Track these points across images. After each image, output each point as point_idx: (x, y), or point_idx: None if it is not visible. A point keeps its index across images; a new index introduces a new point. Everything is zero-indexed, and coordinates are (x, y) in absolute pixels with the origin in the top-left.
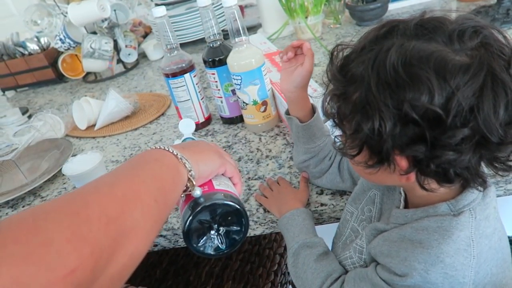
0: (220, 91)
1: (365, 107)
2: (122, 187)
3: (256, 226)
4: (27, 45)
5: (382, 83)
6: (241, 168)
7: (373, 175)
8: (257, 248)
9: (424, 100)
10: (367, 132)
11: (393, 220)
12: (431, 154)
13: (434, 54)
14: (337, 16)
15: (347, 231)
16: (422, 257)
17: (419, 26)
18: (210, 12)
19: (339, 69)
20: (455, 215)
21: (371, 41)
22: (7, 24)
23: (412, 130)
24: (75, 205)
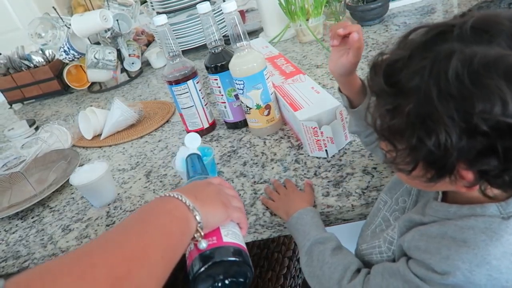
0: (223, 96)
1: (426, 121)
2: (131, 245)
3: (263, 230)
4: (32, 58)
5: (444, 94)
6: (246, 173)
7: (430, 187)
8: (265, 252)
9: (497, 111)
10: (431, 148)
11: (431, 213)
12: (504, 166)
13: (501, 59)
14: (338, 17)
15: (377, 219)
16: (467, 257)
17: (476, 29)
18: (210, 19)
19: (386, 81)
20: (505, 218)
21: (420, 47)
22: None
23: (481, 142)
24: (82, 265)
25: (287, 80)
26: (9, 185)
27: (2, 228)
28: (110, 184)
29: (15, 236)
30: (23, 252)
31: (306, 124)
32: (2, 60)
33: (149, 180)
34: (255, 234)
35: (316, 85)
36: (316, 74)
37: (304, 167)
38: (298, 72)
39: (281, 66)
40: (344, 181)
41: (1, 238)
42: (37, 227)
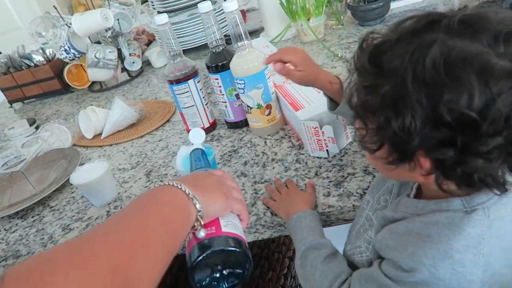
0: (224, 96)
1: (397, 103)
2: (131, 234)
3: (264, 230)
4: (33, 57)
5: (419, 80)
6: (247, 172)
7: (391, 171)
8: (266, 252)
9: (462, 104)
10: (396, 129)
11: (402, 208)
12: (458, 159)
13: (478, 56)
14: (339, 17)
15: (361, 219)
16: (430, 252)
17: (464, 23)
18: (211, 18)
19: (369, 59)
20: (468, 212)
21: (408, 33)
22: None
23: (443, 132)
24: (82, 254)
25: (288, 79)
26: (9, 184)
27: (2, 227)
28: (111, 184)
29: (15, 235)
30: (23, 252)
31: (307, 124)
32: (3, 59)
33: (149, 180)
34: (256, 234)
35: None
36: None
37: (305, 167)
38: None
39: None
40: (345, 181)
41: (1, 237)
42: (37, 226)
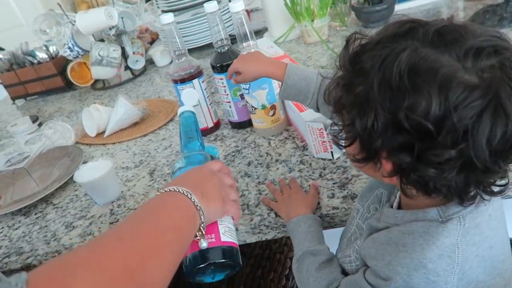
0: (229, 96)
1: (363, 103)
2: (144, 238)
3: (267, 231)
4: (36, 54)
5: (384, 84)
6: (251, 173)
7: (360, 168)
8: (267, 253)
9: (419, 113)
10: (358, 128)
11: (384, 219)
12: (414, 166)
13: (443, 68)
14: (343, 18)
15: (352, 227)
16: (405, 262)
17: (439, 34)
18: (217, 18)
19: (351, 58)
20: (443, 222)
21: (389, 37)
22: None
23: (403, 137)
24: (99, 258)
25: None
26: (12, 181)
27: (5, 224)
28: (114, 182)
29: (18, 232)
30: (26, 249)
31: (312, 125)
32: (6, 56)
33: (153, 179)
34: (260, 235)
35: None
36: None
37: (309, 168)
38: None
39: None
40: (349, 183)
41: (4, 234)
42: (40, 224)
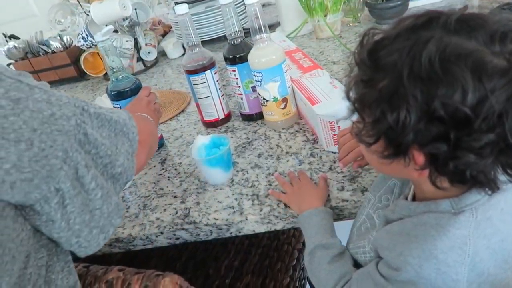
0: (241, 88)
1: (392, 97)
2: (147, 127)
3: (277, 221)
4: (51, 43)
5: (414, 74)
6: (261, 164)
7: (385, 165)
8: (275, 243)
9: (456, 99)
10: (391, 123)
11: (398, 210)
12: (451, 154)
13: (473, 53)
14: (356, 14)
15: (362, 217)
16: (416, 252)
17: (461, 21)
18: (231, 10)
19: (368, 54)
20: (455, 214)
21: (407, 29)
22: (29, 23)
23: (437, 127)
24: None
25: (305, 74)
26: None
27: None
28: None
29: None
30: None
31: (323, 118)
32: (21, 45)
33: (163, 168)
34: (269, 225)
35: (334, 80)
36: (332, 70)
37: (319, 161)
38: (316, 66)
39: (299, 60)
40: (359, 176)
41: None
42: None
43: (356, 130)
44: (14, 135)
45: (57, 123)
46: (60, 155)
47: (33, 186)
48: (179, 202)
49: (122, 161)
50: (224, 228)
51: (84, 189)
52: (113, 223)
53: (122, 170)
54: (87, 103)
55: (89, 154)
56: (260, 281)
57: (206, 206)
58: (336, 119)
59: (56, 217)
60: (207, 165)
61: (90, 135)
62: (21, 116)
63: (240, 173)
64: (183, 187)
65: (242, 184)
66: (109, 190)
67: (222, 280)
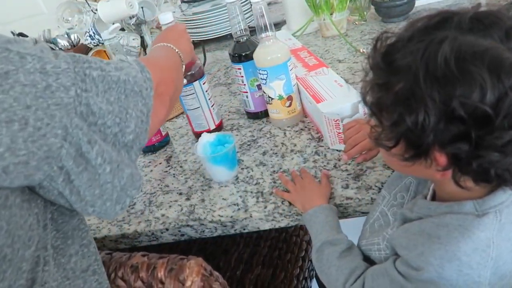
0: (246, 86)
1: (409, 99)
2: (172, 59)
3: (281, 218)
4: (58, 41)
5: (430, 76)
6: (266, 162)
7: (407, 167)
8: (284, 235)
9: (475, 98)
10: (410, 125)
11: (417, 209)
12: (474, 153)
13: (489, 51)
14: (362, 12)
15: (376, 214)
16: (439, 253)
17: (475, 20)
18: (237, 8)
19: (382, 57)
20: (479, 216)
21: (420, 31)
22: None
23: (457, 127)
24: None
25: (310, 72)
26: None
27: None
28: None
29: None
30: None
31: (328, 116)
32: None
33: (169, 165)
34: (273, 222)
35: (339, 78)
36: (338, 69)
37: (324, 159)
38: (321, 65)
39: (304, 58)
40: (364, 175)
41: None
42: None
43: (375, 135)
44: (4, 115)
45: (54, 96)
46: (60, 132)
47: (32, 168)
48: (184, 199)
49: (133, 127)
50: (229, 225)
51: (90, 165)
52: (129, 194)
53: (134, 137)
54: (90, 64)
55: (95, 126)
56: (271, 272)
57: (211, 203)
58: (341, 117)
59: (65, 192)
60: (212, 163)
61: (93, 105)
62: (10, 92)
63: (245, 170)
64: (188, 184)
65: (247, 182)
66: (120, 162)
67: (233, 273)
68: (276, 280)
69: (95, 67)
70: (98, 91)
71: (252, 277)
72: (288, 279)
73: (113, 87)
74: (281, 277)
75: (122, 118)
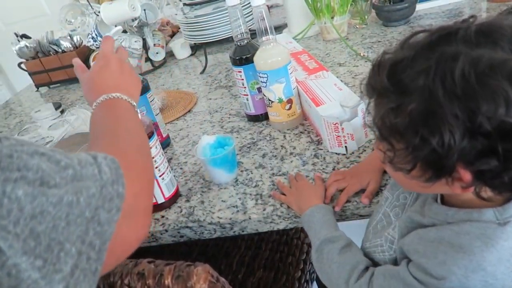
0: (246, 89)
1: (429, 120)
2: (134, 132)
3: (279, 221)
4: (61, 43)
5: (449, 94)
6: (265, 164)
7: (427, 188)
8: (285, 238)
9: (501, 112)
10: (435, 146)
11: (431, 214)
12: (503, 167)
13: (506, 62)
14: (363, 16)
15: (379, 215)
16: (462, 263)
17: (480, 33)
18: (238, 11)
19: (388, 80)
20: (501, 224)
21: (424, 48)
22: (40, 23)
23: (481, 143)
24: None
25: (310, 76)
26: None
27: None
28: None
29: None
30: None
31: (327, 119)
32: (32, 44)
33: (169, 167)
34: (272, 224)
35: (338, 82)
36: (338, 72)
37: (323, 162)
38: (321, 68)
39: (305, 62)
40: None
41: None
42: None
43: (388, 159)
44: None
45: None
46: None
47: None
48: (184, 200)
49: (68, 271)
50: (228, 227)
51: None
52: None
53: (65, 286)
54: (23, 174)
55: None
56: (273, 275)
57: (210, 205)
58: (340, 120)
59: None
60: (212, 165)
61: (2, 239)
62: None
63: (245, 173)
64: (188, 186)
65: (246, 184)
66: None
67: (235, 276)
68: (278, 283)
69: (29, 180)
70: (21, 216)
71: (254, 280)
72: (290, 282)
73: (48, 211)
74: (282, 280)
75: (49, 259)
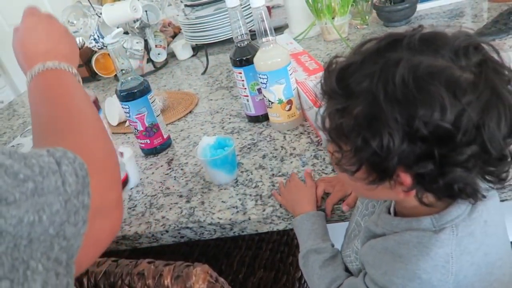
0: (247, 90)
1: (371, 123)
2: (79, 104)
3: (279, 221)
4: None
5: (390, 97)
6: (265, 165)
7: (371, 191)
8: (285, 238)
9: (437, 116)
10: (375, 149)
11: (381, 224)
12: (439, 171)
13: (444, 70)
14: (364, 16)
15: (352, 224)
16: (400, 272)
17: (424, 41)
18: (238, 13)
19: (337, 82)
20: (436, 232)
21: (372, 53)
22: None
23: (420, 147)
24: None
25: (310, 76)
26: None
27: None
28: (134, 170)
29: None
30: None
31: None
32: None
33: (170, 168)
34: (271, 225)
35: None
36: None
37: (322, 163)
38: (321, 69)
39: (305, 62)
40: None
41: None
42: None
43: (336, 160)
44: None
45: None
46: None
47: None
48: (185, 201)
49: None
50: (228, 227)
51: None
52: None
53: None
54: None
55: None
56: (273, 275)
57: (210, 205)
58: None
59: None
60: (212, 166)
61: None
62: None
63: (245, 173)
64: (188, 186)
65: (246, 185)
66: None
67: (235, 276)
68: (278, 283)
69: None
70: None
71: (254, 280)
72: (290, 282)
73: (8, 232)
74: (283, 280)
75: (15, 279)
